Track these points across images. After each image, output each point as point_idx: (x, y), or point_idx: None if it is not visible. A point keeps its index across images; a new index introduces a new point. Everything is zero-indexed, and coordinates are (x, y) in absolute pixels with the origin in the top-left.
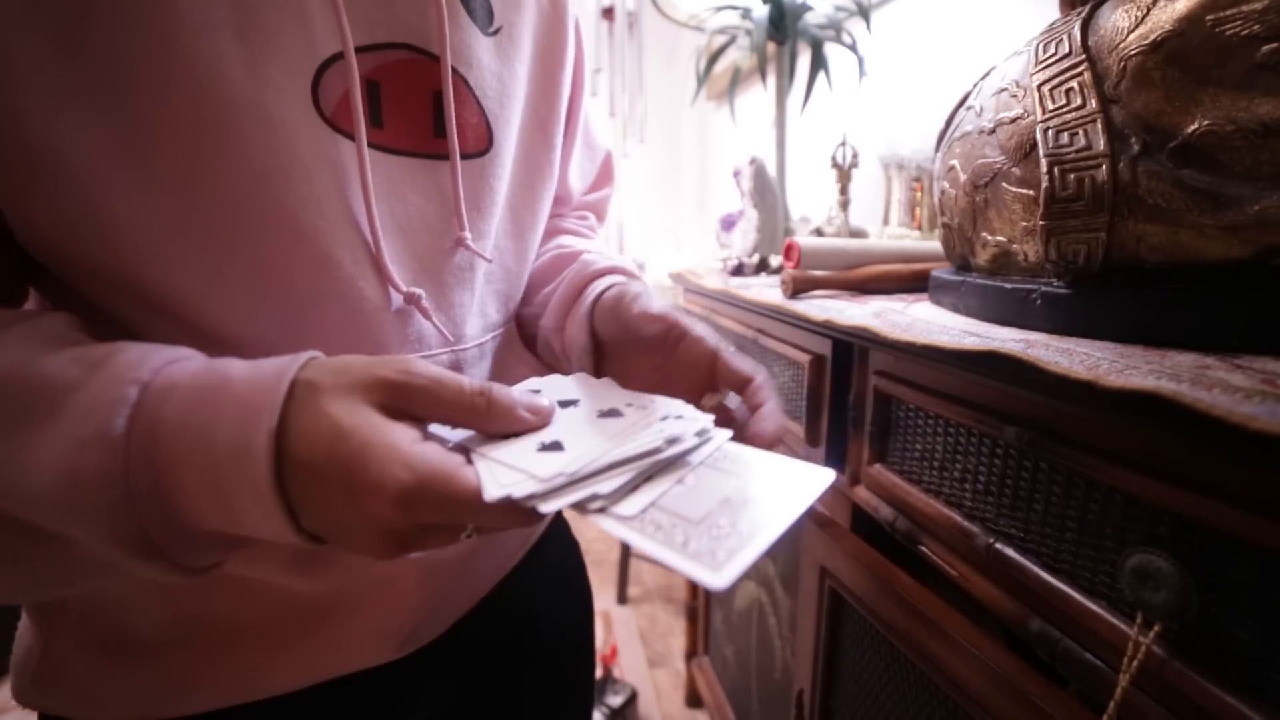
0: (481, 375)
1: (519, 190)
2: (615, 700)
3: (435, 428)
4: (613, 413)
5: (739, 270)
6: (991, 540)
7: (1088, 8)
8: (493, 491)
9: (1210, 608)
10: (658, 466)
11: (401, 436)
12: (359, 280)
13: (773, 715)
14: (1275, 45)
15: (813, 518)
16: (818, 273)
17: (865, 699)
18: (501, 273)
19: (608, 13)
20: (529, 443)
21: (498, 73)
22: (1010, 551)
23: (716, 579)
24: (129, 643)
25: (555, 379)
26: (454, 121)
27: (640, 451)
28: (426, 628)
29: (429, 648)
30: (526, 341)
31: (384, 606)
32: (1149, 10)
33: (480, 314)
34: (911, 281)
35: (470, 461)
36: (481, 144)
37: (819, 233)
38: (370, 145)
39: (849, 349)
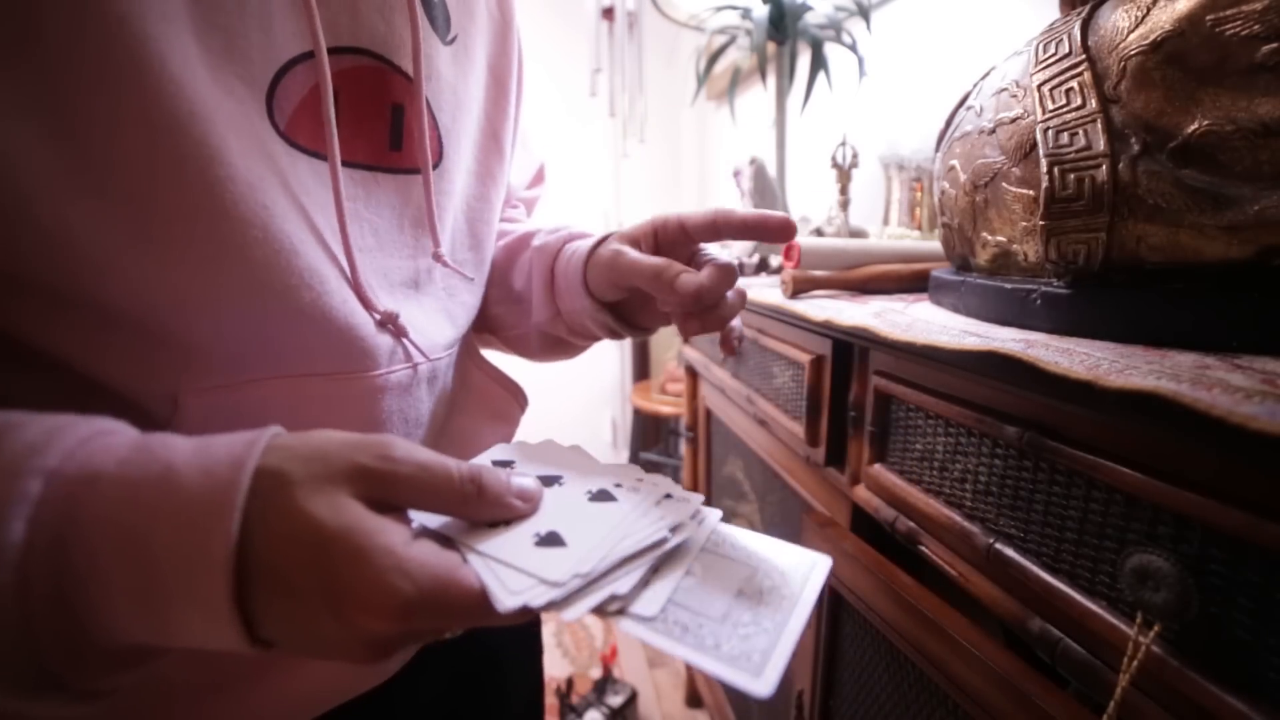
0: (449, 377)
1: (475, 202)
2: (615, 700)
3: (411, 512)
4: (603, 495)
5: (739, 270)
6: (991, 540)
7: (1088, 8)
8: (506, 602)
9: (1210, 608)
10: (664, 557)
11: (395, 538)
12: (346, 294)
13: (773, 715)
14: (1275, 45)
15: (813, 518)
16: (818, 273)
17: (865, 699)
18: (464, 283)
19: (608, 13)
20: (522, 534)
21: (453, 84)
22: (1010, 551)
23: (760, 685)
24: None
25: (522, 447)
26: (426, 137)
27: (649, 544)
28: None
29: (411, 665)
30: (510, 343)
31: None
32: (1149, 10)
33: (451, 324)
34: (911, 281)
35: (461, 555)
36: (434, 158)
37: (819, 233)
38: (322, 157)
39: (849, 349)
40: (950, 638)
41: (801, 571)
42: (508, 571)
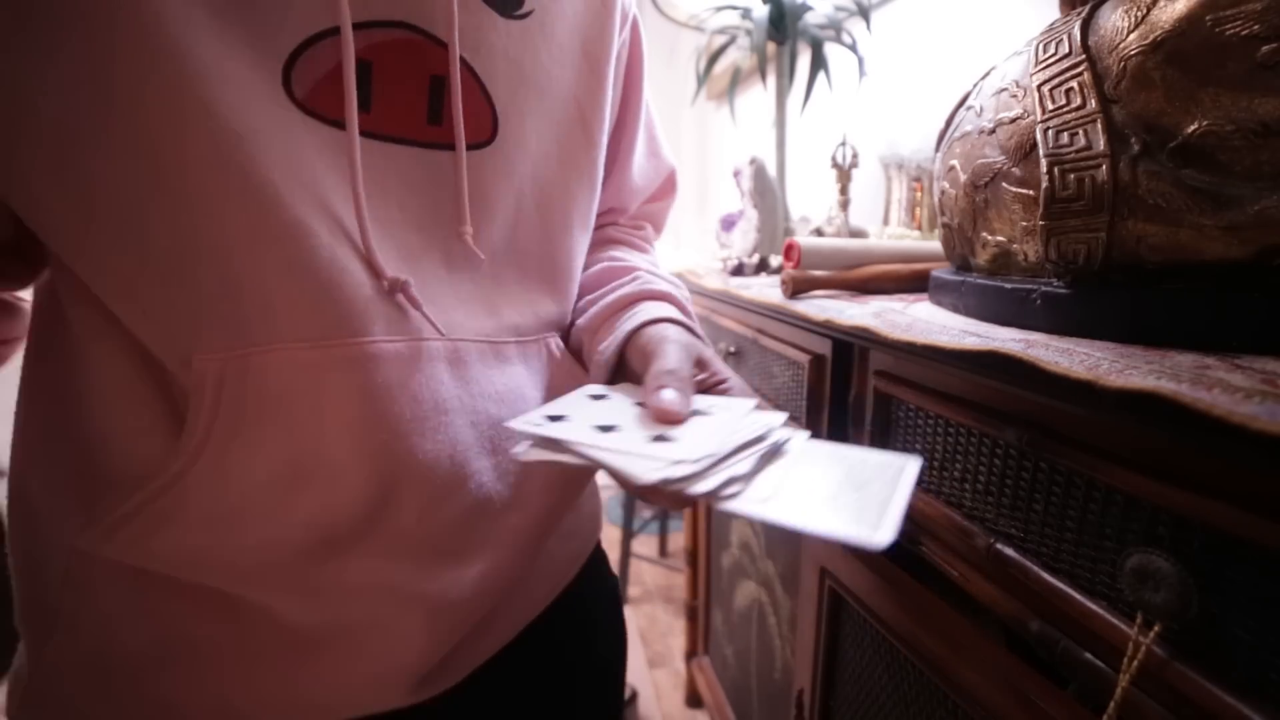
0: (505, 379)
1: (550, 188)
2: None
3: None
4: (697, 413)
5: (739, 270)
6: (991, 540)
7: (1088, 8)
8: (648, 476)
9: (1210, 608)
10: (767, 456)
11: None
12: (337, 253)
13: (773, 715)
14: (1275, 45)
15: None
16: (818, 273)
17: (865, 699)
18: (516, 276)
19: None
20: (635, 435)
21: (515, 59)
22: (1010, 551)
23: (879, 534)
24: (113, 663)
25: (611, 388)
26: (460, 109)
27: (755, 436)
28: (443, 673)
29: (452, 692)
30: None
31: (384, 648)
32: (1149, 10)
33: (490, 315)
34: (911, 281)
35: (578, 453)
36: (483, 134)
37: (819, 233)
38: (343, 126)
39: (849, 349)
40: (950, 638)
41: (895, 466)
42: (634, 459)
